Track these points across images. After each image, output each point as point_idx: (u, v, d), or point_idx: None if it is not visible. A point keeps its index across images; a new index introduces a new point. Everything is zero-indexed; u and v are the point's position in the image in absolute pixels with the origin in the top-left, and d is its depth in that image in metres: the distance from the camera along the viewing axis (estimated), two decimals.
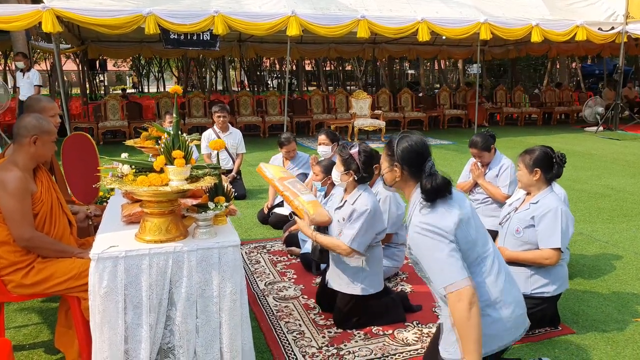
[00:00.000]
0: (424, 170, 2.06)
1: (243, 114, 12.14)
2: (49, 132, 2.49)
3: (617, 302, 3.32)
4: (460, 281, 1.92)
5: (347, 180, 2.92)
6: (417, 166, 2.08)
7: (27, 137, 2.42)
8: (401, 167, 2.10)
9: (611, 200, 5.97)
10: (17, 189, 2.35)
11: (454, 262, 1.94)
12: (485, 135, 3.98)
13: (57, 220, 2.57)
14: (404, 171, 2.10)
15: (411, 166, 2.09)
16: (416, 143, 2.10)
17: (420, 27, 9.82)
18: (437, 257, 1.96)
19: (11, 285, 2.43)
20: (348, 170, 2.89)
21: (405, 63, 31.50)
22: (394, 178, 2.13)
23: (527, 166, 2.91)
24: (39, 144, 2.46)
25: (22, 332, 2.97)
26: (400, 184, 2.15)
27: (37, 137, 2.44)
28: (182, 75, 26.76)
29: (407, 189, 2.14)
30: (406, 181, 2.12)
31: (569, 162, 3.47)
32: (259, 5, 9.18)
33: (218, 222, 2.38)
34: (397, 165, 2.10)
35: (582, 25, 10.86)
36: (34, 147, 2.45)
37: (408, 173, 2.10)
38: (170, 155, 2.10)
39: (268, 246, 4.43)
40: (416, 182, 2.10)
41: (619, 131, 12.48)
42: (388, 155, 2.15)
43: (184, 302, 2.13)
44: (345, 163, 2.89)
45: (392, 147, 2.12)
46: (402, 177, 2.12)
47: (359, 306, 2.96)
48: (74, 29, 11.57)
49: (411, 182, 2.12)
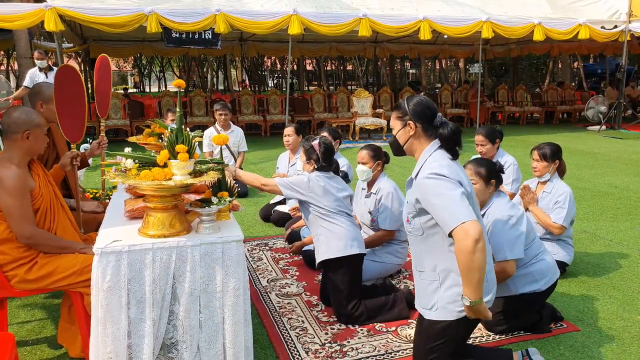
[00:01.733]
0: (435, 123, 2.13)
1: (244, 113, 12.14)
2: (39, 125, 2.46)
3: (622, 299, 3.30)
4: (470, 221, 1.91)
5: (309, 169, 3.13)
6: (429, 120, 2.14)
7: (19, 133, 2.39)
8: (415, 122, 2.13)
9: (615, 198, 5.95)
10: (15, 187, 2.33)
11: (465, 204, 1.95)
12: (493, 127, 4.01)
13: (56, 213, 2.56)
14: (417, 126, 2.14)
15: (424, 120, 2.14)
16: (425, 99, 2.19)
17: (422, 26, 9.80)
18: (449, 194, 1.96)
19: (14, 280, 2.42)
20: (309, 160, 3.11)
21: (407, 62, 31.47)
22: (408, 135, 2.16)
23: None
24: (32, 138, 2.43)
25: (25, 327, 2.97)
26: (412, 141, 2.17)
27: (30, 131, 2.41)
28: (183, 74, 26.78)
29: (419, 146, 2.17)
30: (419, 137, 2.16)
31: (572, 161, 3.52)
32: (260, 4, 9.19)
33: (221, 217, 2.37)
34: (410, 121, 2.14)
35: (584, 23, 10.83)
36: (27, 142, 2.41)
37: (421, 128, 2.14)
38: (174, 150, 2.09)
39: (270, 243, 4.43)
40: (428, 138, 2.15)
41: (621, 130, 12.45)
42: (399, 116, 2.19)
43: (187, 297, 2.12)
44: (307, 153, 3.13)
45: (402, 106, 2.18)
46: (415, 133, 2.15)
47: (348, 279, 2.99)
48: (76, 28, 11.58)
49: (423, 139, 2.15)
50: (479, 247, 1.89)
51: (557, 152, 3.55)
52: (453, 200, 1.95)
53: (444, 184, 1.99)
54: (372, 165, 3.50)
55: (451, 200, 1.95)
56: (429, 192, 2.01)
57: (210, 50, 14.72)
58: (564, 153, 3.76)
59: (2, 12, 7.82)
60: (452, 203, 1.95)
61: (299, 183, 3.02)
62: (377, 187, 3.54)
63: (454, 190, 1.97)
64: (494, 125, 4.13)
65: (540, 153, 3.55)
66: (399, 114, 2.19)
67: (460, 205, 1.94)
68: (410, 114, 2.14)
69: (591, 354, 2.66)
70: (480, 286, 1.95)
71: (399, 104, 2.21)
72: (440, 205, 1.97)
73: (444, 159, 2.08)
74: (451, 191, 1.97)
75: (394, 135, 2.23)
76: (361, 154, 3.53)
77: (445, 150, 2.12)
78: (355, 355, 2.66)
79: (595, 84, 22.10)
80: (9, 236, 2.39)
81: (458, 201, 1.95)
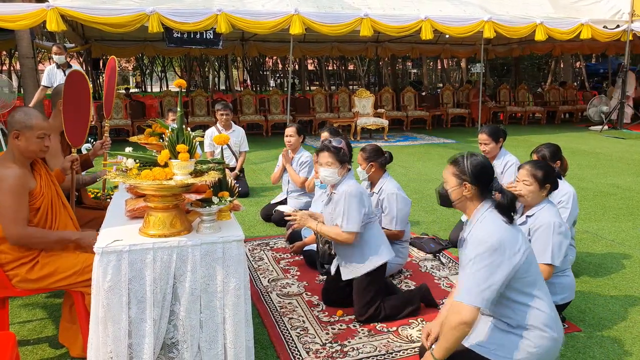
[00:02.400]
0: (492, 188, 2.13)
1: (246, 112, 12.15)
2: (32, 127, 2.38)
3: (623, 300, 3.29)
4: (477, 309, 1.98)
5: (343, 173, 3.02)
6: (486, 184, 2.13)
7: (11, 132, 2.38)
8: (472, 184, 2.12)
9: (617, 198, 5.94)
10: (13, 186, 2.31)
11: (492, 289, 1.98)
12: (497, 127, 4.01)
13: (57, 213, 2.56)
14: (473, 189, 2.12)
15: (482, 184, 2.13)
16: (486, 161, 2.17)
17: (424, 26, 9.79)
18: (486, 273, 1.98)
19: (16, 280, 2.42)
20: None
21: (408, 62, 31.43)
22: (461, 194, 2.15)
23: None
24: (22, 139, 2.38)
25: (26, 327, 2.97)
26: (465, 201, 2.16)
27: (19, 132, 2.37)
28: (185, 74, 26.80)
29: (471, 206, 2.16)
30: (472, 199, 2.15)
31: (574, 161, 3.51)
32: (262, 4, 9.20)
33: (222, 217, 2.37)
34: (468, 182, 2.12)
35: (586, 23, 10.80)
36: (17, 142, 2.38)
37: (477, 190, 2.13)
38: (175, 150, 2.09)
39: (271, 243, 4.42)
40: (480, 200, 2.14)
41: (624, 130, 12.42)
42: (456, 173, 2.16)
43: (187, 297, 2.12)
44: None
45: (460, 164, 2.15)
46: (470, 194, 2.13)
47: (375, 281, 2.98)
48: (77, 28, 11.59)
49: (476, 200, 2.15)
50: (463, 329, 1.99)
51: (556, 153, 3.51)
52: (485, 280, 1.98)
53: (490, 259, 1.99)
54: (365, 166, 3.52)
55: (483, 279, 1.98)
56: (476, 253, 2.02)
57: (212, 50, 14.72)
58: (566, 153, 3.75)
59: (4, 12, 7.85)
60: (483, 281, 1.98)
61: (359, 208, 2.91)
62: (379, 187, 3.54)
63: (494, 269, 1.98)
64: (497, 125, 4.13)
65: (539, 156, 3.51)
66: (457, 172, 2.15)
67: (485, 290, 1.98)
68: (469, 175, 2.12)
69: (593, 355, 2.66)
70: (446, 353, 2.04)
71: (458, 161, 2.18)
72: (473, 273, 2.00)
73: (499, 223, 2.06)
74: (489, 270, 1.98)
75: (444, 187, 2.20)
76: (358, 156, 3.57)
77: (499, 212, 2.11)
78: (356, 355, 2.66)
79: (598, 83, 22.03)
80: None
81: (487, 283, 1.98)
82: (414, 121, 13.38)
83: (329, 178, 3.01)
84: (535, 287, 2.10)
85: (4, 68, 25.60)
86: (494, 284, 1.98)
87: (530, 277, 2.08)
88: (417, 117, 13.31)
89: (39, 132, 2.41)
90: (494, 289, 1.99)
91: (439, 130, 12.97)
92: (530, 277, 2.08)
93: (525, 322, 2.09)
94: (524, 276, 2.06)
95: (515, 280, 2.05)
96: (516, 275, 2.04)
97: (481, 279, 1.98)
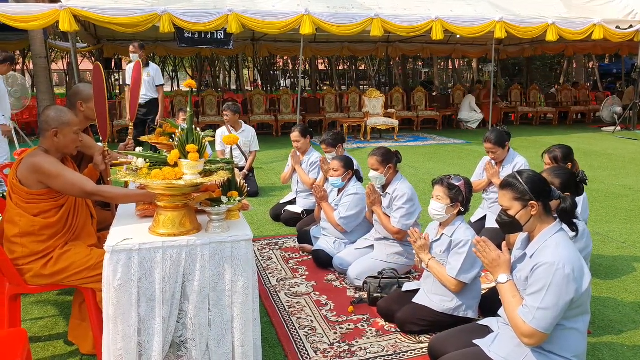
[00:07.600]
0: (553, 197, 2.07)
1: (256, 112, 12.19)
2: (68, 123, 2.52)
3: (634, 302, 3.26)
4: (545, 335, 1.96)
5: (453, 212, 2.80)
6: (548, 196, 2.07)
7: (49, 131, 2.48)
8: (537, 201, 2.05)
9: (629, 200, 5.87)
10: (53, 164, 2.42)
11: (558, 315, 1.94)
12: (500, 131, 3.95)
13: (79, 211, 2.61)
14: (539, 205, 2.05)
15: (545, 198, 2.06)
16: (537, 174, 2.11)
17: (434, 26, 9.76)
18: (557, 300, 1.93)
19: (29, 275, 2.46)
20: (455, 203, 2.78)
21: (419, 62, 31.30)
22: (530, 215, 2.06)
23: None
24: (60, 137, 2.50)
25: (38, 324, 3.01)
26: (534, 221, 2.08)
27: (57, 129, 2.49)
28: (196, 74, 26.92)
29: (539, 225, 2.08)
30: (540, 216, 2.07)
31: (586, 162, 3.46)
32: (272, 4, 9.22)
33: (231, 216, 2.39)
34: (532, 200, 2.05)
35: (599, 23, 10.68)
36: (56, 140, 2.50)
37: (542, 207, 2.06)
38: (185, 149, 2.11)
39: (280, 243, 4.44)
40: (548, 217, 2.07)
41: (637, 131, 12.27)
42: (517, 196, 2.07)
43: (196, 296, 2.14)
44: (453, 194, 2.77)
45: (518, 186, 2.08)
46: (537, 213, 2.06)
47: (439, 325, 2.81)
48: (90, 28, 11.71)
49: (544, 217, 2.08)
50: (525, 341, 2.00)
51: (569, 155, 3.48)
52: (555, 306, 1.93)
53: (565, 287, 1.92)
54: (383, 170, 3.51)
55: (554, 305, 1.93)
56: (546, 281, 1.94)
57: (223, 50, 14.77)
58: (578, 154, 3.72)
59: (18, 12, 7.96)
60: (553, 308, 1.93)
61: (474, 261, 2.72)
62: (393, 188, 3.54)
63: (564, 297, 1.92)
64: (498, 127, 4.07)
65: (551, 157, 3.48)
66: (517, 195, 2.07)
67: (554, 316, 1.94)
68: (531, 193, 2.04)
69: (602, 357, 2.64)
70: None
71: (511, 183, 2.09)
72: (544, 299, 1.94)
73: (569, 245, 2.01)
74: (561, 298, 1.93)
75: (506, 214, 2.10)
76: (370, 160, 3.54)
77: (565, 226, 2.06)
78: (363, 355, 2.66)
79: (611, 84, 21.79)
80: (32, 230, 2.44)
81: (557, 310, 1.93)
82: (424, 121, 13.34)
83: (436, 213, 2.79)
84: (581, 318, 2.05)
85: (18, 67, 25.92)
86: (563, 309, 1.94)
87: (582, 307, 2.03)
88: (428, 117, 13.27)
89: (75, 128, 2.55)
90: (559, 315, 1.94)
91: (449, 130, 12.90)
92: (583, 307, 2.03)
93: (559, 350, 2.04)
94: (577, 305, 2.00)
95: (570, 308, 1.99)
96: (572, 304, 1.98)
97: (555, 308, 1.93)
